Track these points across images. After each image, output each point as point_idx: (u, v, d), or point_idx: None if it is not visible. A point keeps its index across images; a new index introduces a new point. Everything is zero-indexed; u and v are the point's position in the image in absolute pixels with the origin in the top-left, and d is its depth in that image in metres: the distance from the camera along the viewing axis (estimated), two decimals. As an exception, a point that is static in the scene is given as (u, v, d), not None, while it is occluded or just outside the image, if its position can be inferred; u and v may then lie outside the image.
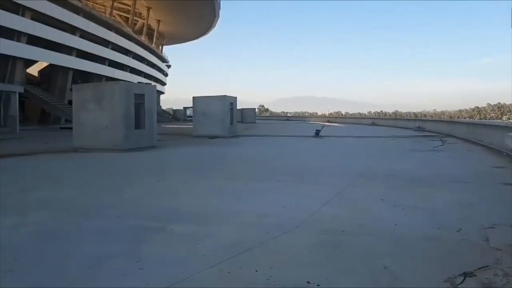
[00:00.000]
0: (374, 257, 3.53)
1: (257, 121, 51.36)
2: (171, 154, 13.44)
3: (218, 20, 67.32)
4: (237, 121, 24.58)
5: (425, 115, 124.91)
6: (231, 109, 21.83)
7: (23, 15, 32.14)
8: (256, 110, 69.03)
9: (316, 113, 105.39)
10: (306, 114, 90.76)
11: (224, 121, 21.03)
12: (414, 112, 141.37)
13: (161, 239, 4.11)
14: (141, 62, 58.52)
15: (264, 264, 3.35)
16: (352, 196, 6.26)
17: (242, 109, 47.36)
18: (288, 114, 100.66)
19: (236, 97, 22.73)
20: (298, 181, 7.71)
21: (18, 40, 32.04)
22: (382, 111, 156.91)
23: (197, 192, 6.78)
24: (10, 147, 15.32)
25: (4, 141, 18.23)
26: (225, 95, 21.72)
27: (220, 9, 61.81)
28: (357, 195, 6.33)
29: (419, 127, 27.14)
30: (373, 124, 40.26)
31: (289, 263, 3.42)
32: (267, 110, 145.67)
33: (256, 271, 3.20)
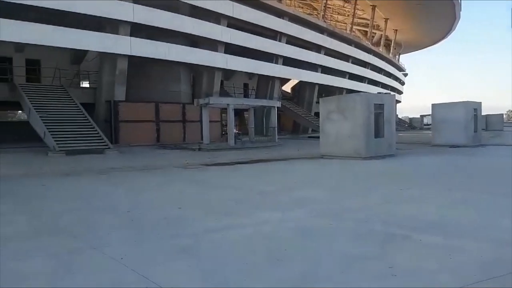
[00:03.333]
0: None
1: (504, 128, 43.93)
2: (410, 163, 12.91)
3: (458, 22, 61.09)
4: (481, 129, 21.63)
5: None
6: (475, 115, 19.32)
7: (279, 40, 36.54)
8: (504, 115, 59.10)
9: None
10: None
11: (467, 129, 18.80)
12: None
13: (410, 248, 4.01)
14: (379, 72, 58.16)
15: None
16: None
17: (486, 115, 41.31)
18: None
19: (480, 102, 20.03)
20: None
21: (276, 62, 36.64)
22: None
23: (440, 203, 6.30)
24: (272, 153, 17.70)
25: (267, 148, 21.30)
26: (468, 101, 19.39)
27: (460, 10, 55.93)
28: None
29: None
30: None
31: None
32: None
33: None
